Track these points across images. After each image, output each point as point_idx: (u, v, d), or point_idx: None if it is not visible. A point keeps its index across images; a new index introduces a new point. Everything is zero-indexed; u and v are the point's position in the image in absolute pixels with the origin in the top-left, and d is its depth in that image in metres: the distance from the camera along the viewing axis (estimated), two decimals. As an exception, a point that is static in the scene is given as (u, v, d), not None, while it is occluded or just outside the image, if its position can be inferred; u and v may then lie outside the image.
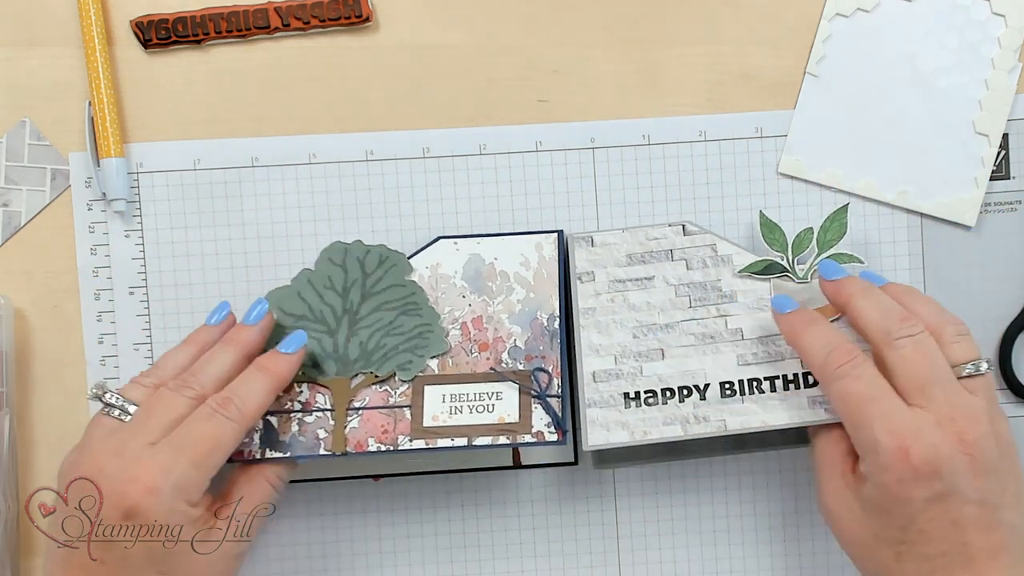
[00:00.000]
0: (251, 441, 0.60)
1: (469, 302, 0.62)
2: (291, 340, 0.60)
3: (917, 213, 0.65)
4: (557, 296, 0.62)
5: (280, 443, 0.60)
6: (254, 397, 0.58)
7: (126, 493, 0.53)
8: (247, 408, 0.57)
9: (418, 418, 0.61)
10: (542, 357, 0.61)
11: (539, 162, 0.65)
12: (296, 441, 0.60)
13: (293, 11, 0.64)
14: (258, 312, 0.60)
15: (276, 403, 0.60)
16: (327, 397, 0.61)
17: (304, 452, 0.60)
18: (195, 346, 0.60)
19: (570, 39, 0.65)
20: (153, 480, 0.54)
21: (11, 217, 0.64)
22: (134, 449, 0.55)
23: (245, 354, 0.59)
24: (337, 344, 0.62)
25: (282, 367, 0.59)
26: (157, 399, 0.57)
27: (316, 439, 0.60)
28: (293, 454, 0.60)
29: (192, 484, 0.55)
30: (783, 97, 0.65)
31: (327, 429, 0.61)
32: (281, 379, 0.59)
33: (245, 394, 0.57)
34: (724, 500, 0.65)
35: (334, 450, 0.60)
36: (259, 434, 0.60)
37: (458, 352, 0.62)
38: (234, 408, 0.57)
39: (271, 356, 0.59)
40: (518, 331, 0.62)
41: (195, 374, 0.58)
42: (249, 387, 0.58)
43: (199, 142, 0.64)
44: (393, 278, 0.62)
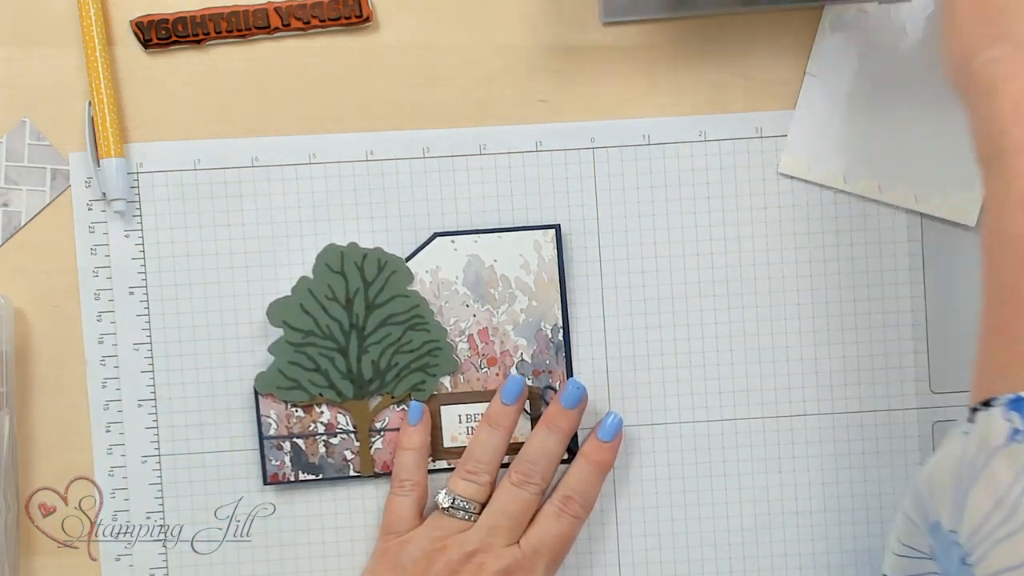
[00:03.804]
0: (283, 464, 0.62)
1: (473, 312, 0.63)
2: (607, 425, 0.62)
3: (917, 213, 0.65)
4: (559, 304, 0.63)
5: (311, 465, 0.63)
6: (592, 492, 0.62)
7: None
8: (587, 503, 0.61)
9: (438, 439, 0.63)
10: (549, 372, 0.63)
11: (539, 162, 0.65)
12: (326, 463, 0.63)
13: (293, 11, 0.64)
14: (576, 394, 0.62)
15: (300, 425, 0.63)
16: (347, 418, 0.63)
17: (335, 474, 0.63)
18: (504, 431, 0.62)
19: (570, 39, 0.65)
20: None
21: (11, 217, 0.64)
22: (500, 549, 0.59)
23: (569, 438, 0.62)
24: (350, 364, 0.62)
25: (609, 458, 0.62)
26: (507, 500, 0.60)
27: (344, 460, 0.63)
28: (325, 476, 0.63)
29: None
30: (783, 97, 0.65)
31: (353, 451, 0.63)
32: (609, 467, 0.62)
33: (583, 490, 0.61)
34: (724, 500, 0.65)
35: (363, 472, 0.63)
36: (289, 457, 0.62)
37: (468, 368, 0.63)
38: (577, 506, 0.61)
39: (598, 448, 0.62)
40: (524, 344, 0.63)
41: (533, 467, 0.61)
42: (586, 483, 0.61)
43: (199, 142, 0.64)
44: (395, 288, 0.63)
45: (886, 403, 0.65)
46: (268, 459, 0.63)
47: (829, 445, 0.65)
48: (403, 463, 0.62)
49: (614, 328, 0.65)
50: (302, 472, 0.63)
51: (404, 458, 0.62)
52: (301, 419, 0.63)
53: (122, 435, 0.64)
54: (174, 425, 0.65)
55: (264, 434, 0.63)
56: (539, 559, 0.60)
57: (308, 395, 0.62)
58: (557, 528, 0.60)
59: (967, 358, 0.65)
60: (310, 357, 0.62)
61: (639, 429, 0.65)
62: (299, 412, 0.63)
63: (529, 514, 0.61)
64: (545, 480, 0.61)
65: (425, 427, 0.62)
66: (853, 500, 0.65)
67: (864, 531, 0.65)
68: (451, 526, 0.60)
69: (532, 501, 0.61)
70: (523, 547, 0.60)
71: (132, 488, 0.65)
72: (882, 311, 0.65)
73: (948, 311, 0.65)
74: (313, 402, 0.63)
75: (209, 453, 0.65)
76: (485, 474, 0.61)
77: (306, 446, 0.62)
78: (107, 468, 0.64)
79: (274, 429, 0.63)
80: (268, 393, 0.63)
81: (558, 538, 0.60)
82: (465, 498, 0.60)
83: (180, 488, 0.65)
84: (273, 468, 0.63)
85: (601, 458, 0.62)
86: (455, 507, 0.60)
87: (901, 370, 0.65)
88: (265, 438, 0.63)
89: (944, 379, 0.65)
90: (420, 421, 0.62)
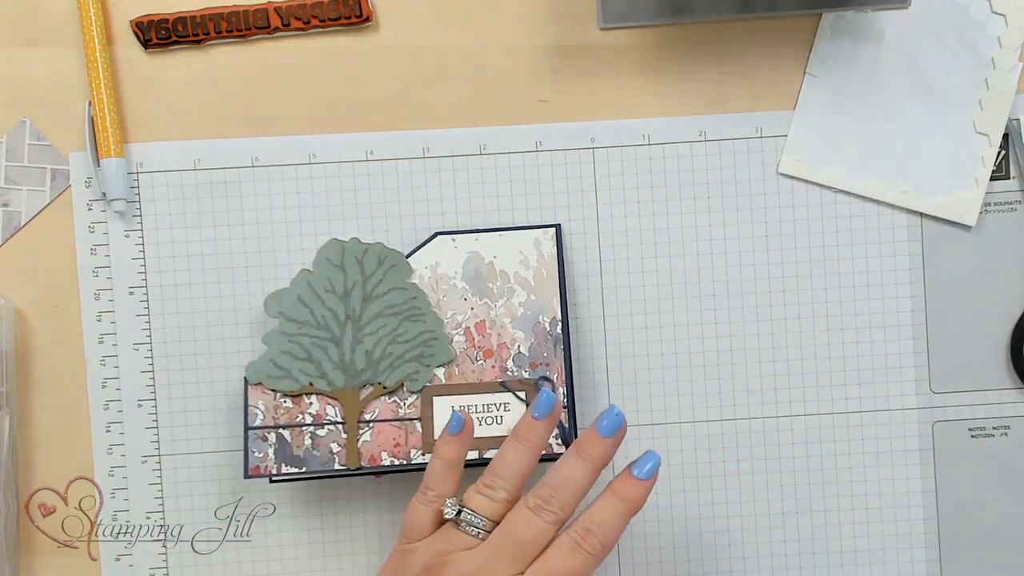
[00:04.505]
0: (266, 456, 0.61)
1: (471, 305, 0.62)
2: (644, 462, 0.55)
3: (917, 213, 0.65)
4: (558, 298, 0.62)
5: (295, 458, 0.61)
6: (616, 530, 0.54)
7: None
8: (608, 541, 0.54)
9: (429, 431, 0.61)
10: (546, 364, 0.62)
11: (539, 162, 0.65)
12: (311, 456, 0.61)
13: (293, 11, 0.64)
14: (612, 423, 0.56)
15: (287, 416, 0.61)
16: (337, 409, 0.61)
17: (319, 467, 0.61)
18: (531, 447, 0.56)
19: (570, 39, 0.65)
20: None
21: (11, 217, 0.64)
22: None
23: (600, 470, 0.56)
24: (343, 353, 0.62)
25: (640, 496, 0.55)
26: (520, 523, 0.54)
27: (330, 453, 0.61)
28: (308, 469, 0.61)
29: None
30: (783, 97, 0.65)
31: (340, 443, 0.61)
32: (639, 508, 0.55)
33: (607, 526, 0.54)
34: (724, 500, 0.65)
35: (348, 465, 0.61)
36: (273, 448, 0.61)
37: (463, 360, 0.62)
38: (596, 542, 0.54)
39: (629, 485, 0.55)
40: (521, 336, 0.62)
41: (555, 494, 0.54)
42: (610, 519, 0.54)
43: (199, 142, 0.64)
44: (393, 280, 0.62)
45: (886, 403, 0.65)
46: (251, 451, 0.61)
47: (829, 445, 0.65)
48: (433, 471, 0.57)
49: (614, 328, 0.65)
50: (285, 465, 0.61)
51: (435, 467, 0.57)
52: (289, 410, 0.61)
53: (122, 435, 0.64)
54: (174, 425, 0.65)
55: (249, 424, 0.61)
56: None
57: (298, 384, 0.61)
58: (570, 563, 0.53)
59: (967, 358, 0.65)
60: (303, 347, 0.62)
61: (639, 429, 0.65)
62: (287, 403, 0.62)
63: (540, 544, 0.54)
64: (565, 511, 0.54)
65: (463, 441, 0.58)
66: (853, 500, 0.65)
67: (864, 531, 0.65)
68: (458, 541, 0.55)
69: (546, 530, 0.54)
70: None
71: (132, 488, 0.65)
72: (882, 311, 0.65)
73: (948, 311, 0.65)
74: (303, 392, 0.61)
75: (209, 453, 0.65)
76: (503, 490, 0.55)
77: (291, 437, 0.61)
78: (107, 468, 0.64)
79: (260, 420, 0.61)
80: (258, 383, 0.62)
81: (568, 573, 0.53)
82: (477, 513, 0.55)
83: (180, 488, 0.65)
84: (255, 460, 0.61)
85: (632, 496, 0.55)
86: (463, 520, 0.55)
87: (901, 370, 0.65)
88: (250, 428, 0.61)
89: (944, 379, 0.65)
90: (460, 433, 0.58)
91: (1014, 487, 0.65)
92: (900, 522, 0.65)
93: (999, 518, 0.65)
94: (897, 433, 0.65)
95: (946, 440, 0.65)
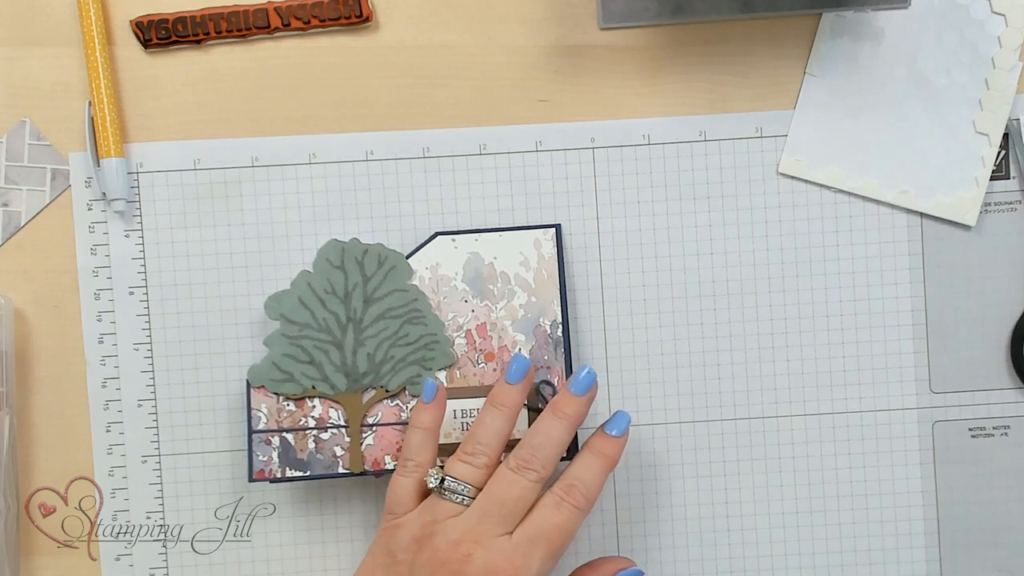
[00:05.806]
0: (271, 460, 0.61)
1: (472, 307, 0.62)
2: (618, 420, 0.59)
3: (917, 213, 0.65)
4: (559, 301, 0.62)
5: (299, 461, 0.61)
6: (596, 483, 0.57)
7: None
8: (591, 495, 0.57)
9: None
10: (547, 367, 0.62)
11: (539, 162, 0.65)
12: (314, 459, 0.61)
13: (293, 11, 0.64)
14: (586, 381, 0.59)
15: (290, 419, 0.61)
16: (340, 412, 0.62)
17: (323, 471, 0.61)
18: (508, 410, 0.58)
19: (570, 39, 0.65)
20: (516, 573, 0.54)
21: (11, 217, 0.64)
22: (491, 540, 0.55)
23: (576, 427, 0.58)
24: (345, 357, 0.62)
25: (616, 452, 0.58)
26: (504, 484, 0.56)
27: (334, 457, 0.61)
28: (312, 472, 0.61)
29: (546, 575, 0.56)
30: (783, 97, 0.65)
31: (343, 446, 0.61)
32: (615, 463, 0.58)
33: (588, 481, 0.57)
34: (724, 500, 0.65)
35: (352, 469, 0.61)
36: (277, 452, 0.61)
37: (465, 363, 0.62)
38: (579, 495, 0.57)
39: (605, 441, 0.58)
40: (522, 339, 0.62)
41: (535, 453, 0.57)
42: (591, 473, 0.57)
43: (199, 142, 0.64)
44: (394, 282, 0.62)
45: (886, 403, 0.65)
46: (256, 454, 0.61)
47: (829, 445, 0.65)
48: (410, 442, 0.58)
49: (614, 328, 0.65)
50: (289, 468, 0.61)
51: (412, 437, 0.58)
52: (292, 413, 0.62)
53: (122, 435, 0.65)
54: (174, 425, 0.65)
55: (253, 428, 0.62)
56: (534, 550, 0.55)
57: (300, 388, 0.62)
58: (556, 518, 0.56)
59: (967, 358, 0.65)
60: (305, 350, 0.62)
61: (639, 429, 0.65)
62: (290, 406, 0.62)
63: (525, 504, 0.56)
64: (546, 469, 0.57)
65: (438, 406, 0.59)
66: (853, 500, 0.65)
67: (864, 531, 0.65)
68: (443, 510, 0.56)
69: (530, 490, 0.56)
70: (515, 537, 0.55)
71: (132, 488, 0.65)
72: (882, 311, 0.65)
73: (948, 311, 0.65)
74: (305, 395, 0.62)
75: (209, 453, 0.65)
76: (484, 456, 0.57)
77: (295, 441, 0.61)
78: (107, 468, 0.64)
79: (264, 423, 0.62)
80: (260, 386, 0.62)
81: (556, 529, 0.56)
82: (460, 480, 0.56)
83: (180, 488, 0.65)
84: (260, 464, 0.61)
85: (607, 451, 0.58)
86: (447, 488, 0.56)
87: (901, 370, 0.65)
88: (254, 432, 0.62)
89: (944, 379, 0.65)
90: (434, 399, 0.59)
91: (1014, 487, 0.65)
92: (900, 522, 0.65)
93: (999, 518, 0.65)
94: (897, 433, 0.65)
95: (946, 440, 0.65)
